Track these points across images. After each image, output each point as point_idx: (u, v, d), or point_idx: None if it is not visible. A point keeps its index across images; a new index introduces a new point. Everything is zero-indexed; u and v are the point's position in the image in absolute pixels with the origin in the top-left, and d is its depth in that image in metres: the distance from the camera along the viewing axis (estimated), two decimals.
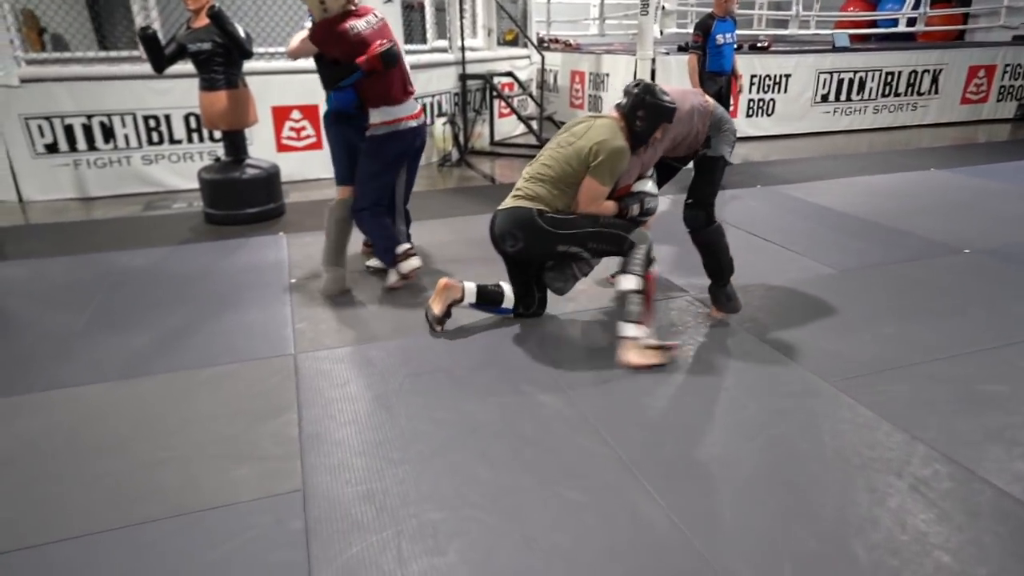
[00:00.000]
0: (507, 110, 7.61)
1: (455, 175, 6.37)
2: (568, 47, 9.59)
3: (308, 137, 5.98)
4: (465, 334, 2.97)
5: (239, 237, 4.37)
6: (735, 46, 6.19)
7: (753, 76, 7.78)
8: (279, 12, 6.13)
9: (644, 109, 2.68)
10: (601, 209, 2.76)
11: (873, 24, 10.54)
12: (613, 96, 7.72)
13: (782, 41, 8.96)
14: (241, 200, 4.64)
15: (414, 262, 3.38)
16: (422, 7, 7.30)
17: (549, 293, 3.05)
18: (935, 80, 8.75)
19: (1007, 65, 9.04)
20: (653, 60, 7.24)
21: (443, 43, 7.30)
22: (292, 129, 5.94)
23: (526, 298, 3.03)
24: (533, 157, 2.94)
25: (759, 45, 8.07)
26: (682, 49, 7.56)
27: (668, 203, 4.36)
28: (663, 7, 7.49)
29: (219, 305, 3.30)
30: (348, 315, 3.20)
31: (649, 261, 2.66)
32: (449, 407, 2.41)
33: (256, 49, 6.32)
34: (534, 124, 7.34)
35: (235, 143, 4.65)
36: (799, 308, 3.23)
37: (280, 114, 5.84)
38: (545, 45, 9.40)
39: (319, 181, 5.84)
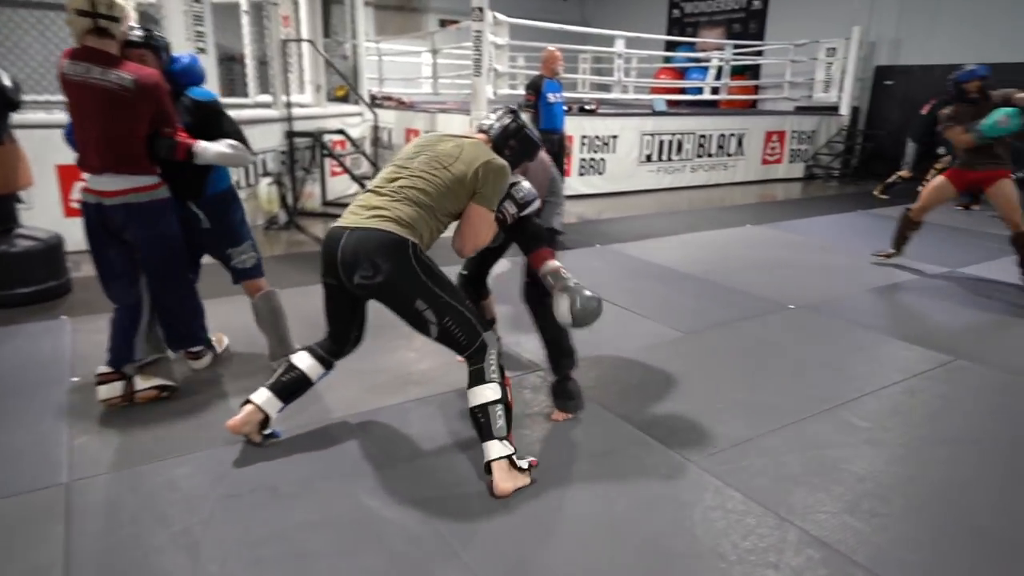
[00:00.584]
0: (339, 169, 7.22)
1: (283, 239, 5.85)
2: (402, 105, 9.45)
3: None
4: (294, 436, 2.54)
5: (5, 324, 3.57)
6: (565, 107, 6.37)
7: (584, 137, 8.08)
8: None
9: (517, 139, 2.46)
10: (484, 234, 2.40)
11: (682, 91, 11.57)
12: None
13: (607, 104, 9.48)
14: (9, 278, 3.83)
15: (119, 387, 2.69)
16: (243, 60, 6.80)
17: (370, 324, 2.56)
18: (740, 143, 9.69)
19: (794, 131, 10.28)
20: None
21: (267, 98, 6.82)
22: None
23: (338, 342, 2.51)
24: None
25: (587, 108, 8.44)
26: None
27: (509, 266, 4.23)
28: (495, 69, 7.61)
29: None
30: (147, 422, 2.63)
31: (501, 366, 2.31)
32: (274, 537, 1.97)
33: (37, 98, 5.44)
34: (368, 183, 7.02)
35: (1, 209, 3.86)
36: (653, 378, 3.16)
37: (68, 174, 4.99)
38: (378, 102, 9.19)
39: None
